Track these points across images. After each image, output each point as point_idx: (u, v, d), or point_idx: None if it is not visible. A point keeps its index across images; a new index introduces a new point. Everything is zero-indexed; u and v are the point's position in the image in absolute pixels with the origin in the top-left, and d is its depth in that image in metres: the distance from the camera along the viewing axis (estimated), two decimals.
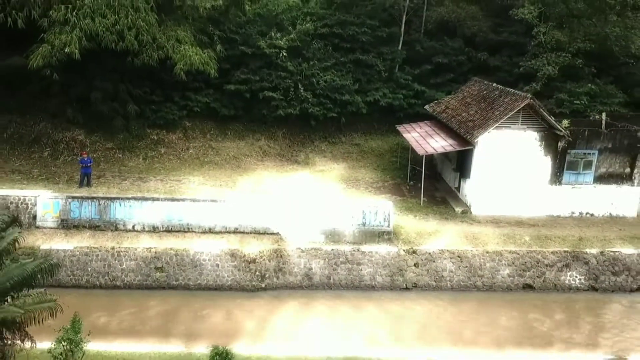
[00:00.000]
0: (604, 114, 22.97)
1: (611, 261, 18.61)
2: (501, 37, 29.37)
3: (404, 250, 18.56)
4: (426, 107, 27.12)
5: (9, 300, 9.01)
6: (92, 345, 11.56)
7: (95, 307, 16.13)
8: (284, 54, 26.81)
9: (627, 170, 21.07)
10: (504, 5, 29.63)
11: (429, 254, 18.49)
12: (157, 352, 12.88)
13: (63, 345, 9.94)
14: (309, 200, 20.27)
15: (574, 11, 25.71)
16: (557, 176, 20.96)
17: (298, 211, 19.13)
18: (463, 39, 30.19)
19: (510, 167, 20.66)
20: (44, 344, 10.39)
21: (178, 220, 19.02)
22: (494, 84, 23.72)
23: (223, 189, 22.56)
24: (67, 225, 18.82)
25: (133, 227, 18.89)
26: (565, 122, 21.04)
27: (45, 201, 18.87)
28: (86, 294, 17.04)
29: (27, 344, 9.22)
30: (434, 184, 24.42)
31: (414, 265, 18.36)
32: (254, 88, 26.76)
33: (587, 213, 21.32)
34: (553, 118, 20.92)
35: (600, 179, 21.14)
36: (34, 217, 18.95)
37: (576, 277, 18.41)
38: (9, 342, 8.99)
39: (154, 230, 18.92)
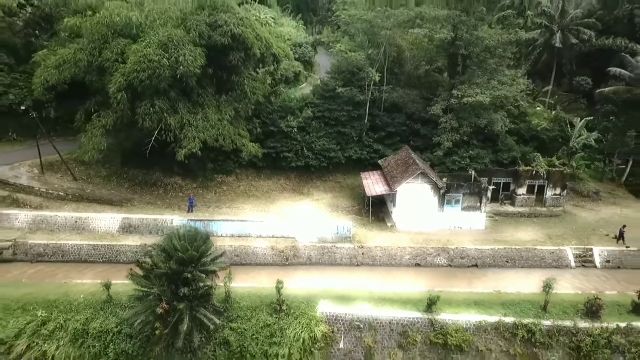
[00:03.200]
0: (473, 171, 41.58)
1: (460, 252, 37.09)
2: (428, 115, 47.51)
3: (357, 246, 37.06)
4: (379, 161, 45.55)
5: (212, 264, 27.21)
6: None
7: None
8: (295, 130, 45.29)
9: (478, 204, 39.61)
10: (429, 97, 47.92)
11: (369, 248, 36.99)
12: (247, 287, 31.06)
13: (226, 278, 28.23)
14: (310, 219, 38.89)
15: (469, 109, 43.82)
16: (441, 207, 39.51)
17: (304, 226, 37.72)
18: (406, 115, 48.45)
19: (416, 202, 39.17)
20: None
21: (243, 231, 37.59)
22: (412, 154, 42.05)
23: (263, 212, 41.17)
24: None
25: (221, 235, 37.40)
26: (444, 180, 39.59)
27: (178, 221, 37.44)
28: None
29: (216, 281, 27.42)
30: (380, 209, 42.96)
31: (362, 253, 36.84)
32: (278, 150, 45.39)
33: (458, 227, 39.86)
34: (438, 175, 39.47)
35: (464, 208, 39.68)
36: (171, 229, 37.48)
37: (442, 259, 36.87)
38: (214, 278, 27.18)
39: (232, 236, 37.43)
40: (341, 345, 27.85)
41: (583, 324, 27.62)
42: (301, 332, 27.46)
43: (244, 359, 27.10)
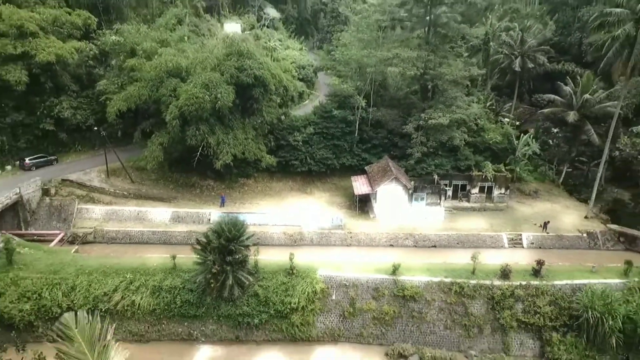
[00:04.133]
0: (436, 176, 54.59)
1: (423, 237, 50.14)
2: (404, 131, 60.30)
3: (347, 232, 50.12)
4: (365, 167, 58.47)
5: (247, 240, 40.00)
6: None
7: None
8: (300, 143, 58.22)
9: (438, 201, 52.65)
10: (406, 116, 60.75)
11: (356, 233, 50.05)
12: (269, 259, 43.91)
13: (254, 252, 41.09)
14: (312, 212, 51.97)
15: (434, 128, 56.63)
16: (410, 203, 52.55)
17: (308, 216, 50.79)
18: (387, 130, 61.30)
19: (391, 199, 52.18)
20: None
21: (263, 220, 50.65)
22: (389, 162, 54.99)
23: (276, 207, 54.22)
24: None
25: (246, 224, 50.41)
26: (413, 182, 52.60)
27: (215, 214, 50.46)
28: None
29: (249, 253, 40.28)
30: (366, 204, 55.97)
31: (350, 237, 49.91)
32: (287, 159, 58.36)
33: (423, 218, 52.85)
34: (410, 179, 52.49)
35: (428, 204, 52.70)
36: (209, 220, 50.50)
37: (409, 242, 49.90)
38: (249, 252, 39.99)
39: (254, 224, 50.37)
40: (333, 297, 40.92)
41: (497, 282, 40.66)
42: (306, 287, 40.40)
43: (267, 306, 40.12)
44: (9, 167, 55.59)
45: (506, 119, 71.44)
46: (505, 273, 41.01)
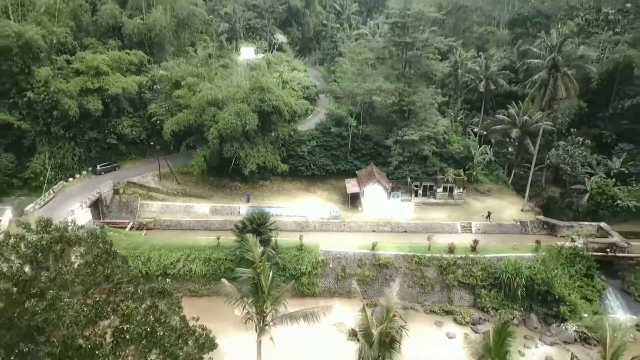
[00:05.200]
0: (409, 178, 72.01)
1: (398, 224, 67.47)
2: (386, 143, 77.32)
3: (341, 221, 67.52)
4: (356, 172, 75.76)
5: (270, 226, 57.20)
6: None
7: None
8: (306, 153, 75.48)
9: (410, 198, 70.02)
10: (388, 132, 77.91)
11: (347, 222, 67.45)
12: (284, 239, 61.11)
13: (275, 234, 58.34)
14: (315, 206, 69.42)
15: (408, 142, 73.83)
16: (389, 199, 70.00)
17: (312, 210, 68.25)
18: (374, 142, 78.50)
19: (375, 196, 69.51)
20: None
21: (279, 212, 67.98)
22: (374, 168, 72.34)
23: (288, 203, 71.62)
24: None
25: None
26: (390, 184, 69.95)
27: (244, 208, 67.92)
28: None
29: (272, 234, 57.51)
30: (356, 200, 73.31)
31: (344, 225, 67.33)
32: (295, 166, 75.68)
33: (398, 211, 70.17)
34: (388, 181, 69.89)
35: (402, 200, 70.08)
36: (239, 212, 67.94)
37: (387, 228, 67.24)
38: (271, 234, 57.16)
39: (273, 215, 67.61)
40: (330, 265, 58.37)
41: (445, 255, 58.03)
42: (311, 259, 57.76)
43: (285, 271, 57.50)
44: (84, 172, 73.02)
45: (475, 129, 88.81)
46: (451, 249, 58.44)
